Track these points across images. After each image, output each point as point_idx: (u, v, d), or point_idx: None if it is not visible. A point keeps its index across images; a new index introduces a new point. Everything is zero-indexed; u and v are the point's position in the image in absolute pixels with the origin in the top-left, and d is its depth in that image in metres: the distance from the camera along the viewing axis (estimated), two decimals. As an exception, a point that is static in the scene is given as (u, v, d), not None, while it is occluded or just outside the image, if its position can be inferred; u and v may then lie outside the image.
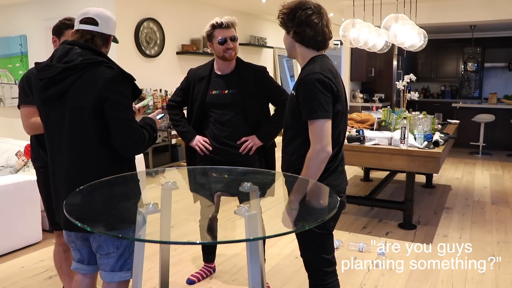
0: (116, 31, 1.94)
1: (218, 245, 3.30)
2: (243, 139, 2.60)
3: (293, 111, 1.93)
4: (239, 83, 2.58)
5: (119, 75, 1.79)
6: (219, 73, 2.62)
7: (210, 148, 2.61)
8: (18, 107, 2.33)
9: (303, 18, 1.85)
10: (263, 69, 2.68)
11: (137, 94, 1.90)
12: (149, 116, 2.05)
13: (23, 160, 4.14)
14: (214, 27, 2.50)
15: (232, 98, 2.57)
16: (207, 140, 2.61)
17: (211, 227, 2.22)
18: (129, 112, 1.81)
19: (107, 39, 1.89)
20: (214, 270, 3.08)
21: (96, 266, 1.94)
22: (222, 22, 2.49)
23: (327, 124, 1.80)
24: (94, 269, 1.97)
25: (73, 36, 1.87)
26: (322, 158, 1.81)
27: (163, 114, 2.13)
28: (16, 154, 4.21)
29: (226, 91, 2.58)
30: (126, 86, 1.82)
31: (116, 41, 1.96)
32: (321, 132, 1.79)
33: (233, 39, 2.52)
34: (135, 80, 1.88)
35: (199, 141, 2.61)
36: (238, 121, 2.58)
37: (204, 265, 3.05)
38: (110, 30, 1.89)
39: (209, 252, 3.04)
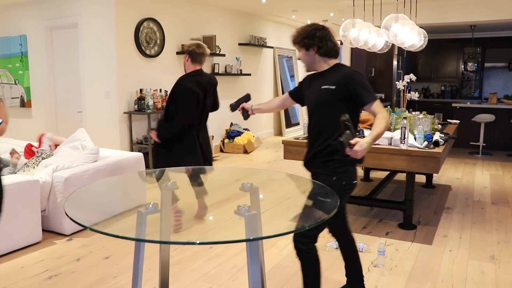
0: None
1: (218, 245, 3.30)
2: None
3: (328, 102, 2.31)
4: None
5: None
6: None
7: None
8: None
9: (323, 35, 2.32)
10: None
11: None
12: None
13: (16, 158, 4.13)
14: None
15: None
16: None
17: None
18: None
19: None
20: None
21: None
22: None
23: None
24: None
25: None
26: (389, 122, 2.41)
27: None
28: (10, 153, 4.20)
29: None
30: None
31: None
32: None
33: None
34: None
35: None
36: None
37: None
38: None
39: None
